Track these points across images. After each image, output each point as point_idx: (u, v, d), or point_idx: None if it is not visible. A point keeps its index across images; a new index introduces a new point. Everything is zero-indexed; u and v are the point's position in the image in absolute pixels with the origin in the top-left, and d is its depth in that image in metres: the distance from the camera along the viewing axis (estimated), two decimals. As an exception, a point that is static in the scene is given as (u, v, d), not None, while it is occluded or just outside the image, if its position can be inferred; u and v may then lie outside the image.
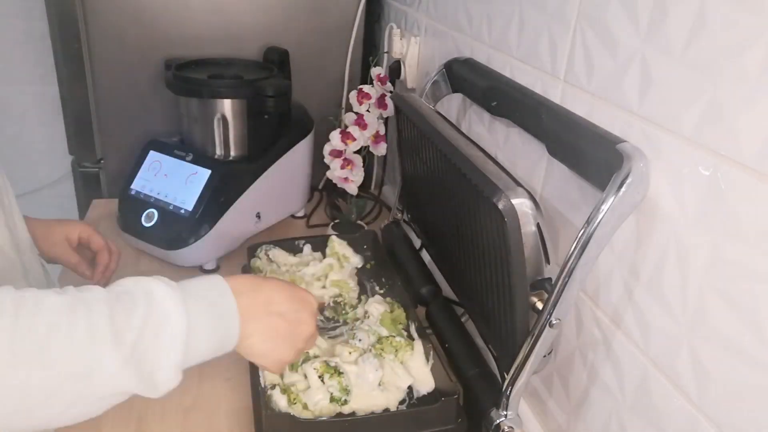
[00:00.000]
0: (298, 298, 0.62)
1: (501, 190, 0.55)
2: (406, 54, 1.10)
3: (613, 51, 0.55)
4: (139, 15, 1.14)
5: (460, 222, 0.70)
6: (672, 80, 0.48)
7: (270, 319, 0.59)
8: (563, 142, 0.58)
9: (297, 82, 1.15)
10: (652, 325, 0.52)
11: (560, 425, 0.68)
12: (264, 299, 0.59)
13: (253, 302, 0.57)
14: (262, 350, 0.59)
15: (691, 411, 0.48)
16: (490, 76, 0.75)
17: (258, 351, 0.59)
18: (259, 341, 0.58)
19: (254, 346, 0.58)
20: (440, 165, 0.73)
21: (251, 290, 0.58)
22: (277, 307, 0.59)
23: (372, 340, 0.77)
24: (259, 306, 0.58)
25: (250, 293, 0.58)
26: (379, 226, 1.08)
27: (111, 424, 0.71)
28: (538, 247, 0.56)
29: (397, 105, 0.88)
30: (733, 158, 0.43)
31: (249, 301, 0.57)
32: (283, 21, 1.21)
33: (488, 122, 0.82)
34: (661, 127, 0.49)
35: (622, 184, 0.47)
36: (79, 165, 1.27)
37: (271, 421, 0.65)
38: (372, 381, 0.70)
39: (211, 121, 1.04)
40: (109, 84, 1.18)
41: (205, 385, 0.79)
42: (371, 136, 1.06)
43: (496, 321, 0.64)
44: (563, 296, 0.52)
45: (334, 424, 0.65)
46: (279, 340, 0.60)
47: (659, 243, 0.51)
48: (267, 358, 0.60)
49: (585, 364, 0.63)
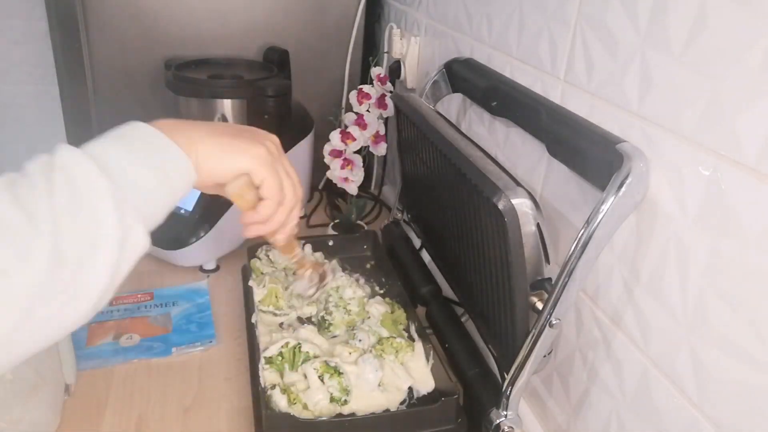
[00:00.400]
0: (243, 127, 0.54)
1: (501, 190, 0.55)
2: (406, 54, 1.10)
3: (613, 51, 0.55)
4: (139, 15, 1.14)
5: (460, 222, 0.70)
6: (672, 80, 0.48)
7: (211, 125, 0.51)
8: (563, 142, 0.58)
9: (297, 82, 1.15)
10: (652, 325, 0.52)
11: (560, 425, 0.68)
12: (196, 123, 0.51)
13: (179, 123, 0.49)
14: (224, 149, 0.50)
15: (691, 411, 0.48)
16: (490, 76, 0.75)
17: (218, 152, 0.49)
18: (213, 144, 0.49)
19: (211, 151, 0.49)
20: (440, 165, 0.73)
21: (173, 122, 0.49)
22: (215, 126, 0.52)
23: (372, 341, 0.77)
24: (190, 124, 0.50)
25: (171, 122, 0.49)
26: (379, 226, 1.08)
27: (111, 423, 0.71)
28: (538, 247, 0.56)
29: (397, 105, 0.88)
30: (733, 158, 0.43)
31: (175, 123, 0.48)
32: (283, 21, 1.21)
33: (488, 122, 0.82)
34: (661, 127, 0.49)
35: (622, 184, 0.48)
36: (79, 165, 1.27)
37: (271, 421, 0.65)
38: (372, 381, 0.71)
39: (211, 121, 1.04)
40: (109, 84, 1.18)
41: (205, 385, 0.79)
42: (371, 136, 1.06)
43: (496, 321, 0.64)
44: (563, 296, 0.52)
45: (334, 424, 0.65)
46: (235, 136, 0.51)
47: (659, 243, 0.51)
48: (236, 153, 0.50)
49: (585, 364, 0.63)
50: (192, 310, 0.92)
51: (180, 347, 0.84)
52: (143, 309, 0.91)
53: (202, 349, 0.85)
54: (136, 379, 0.78)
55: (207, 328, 0.89)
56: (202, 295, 0.96)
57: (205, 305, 0.94)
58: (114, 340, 0.84)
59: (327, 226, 1.17)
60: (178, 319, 0.90)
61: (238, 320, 0.90)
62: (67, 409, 0.72)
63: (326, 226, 1.17)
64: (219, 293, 0.97)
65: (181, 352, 0.84)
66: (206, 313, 0.92)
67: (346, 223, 1.14)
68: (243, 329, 0.86)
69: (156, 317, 0.90)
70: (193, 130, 0.49)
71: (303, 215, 1.24)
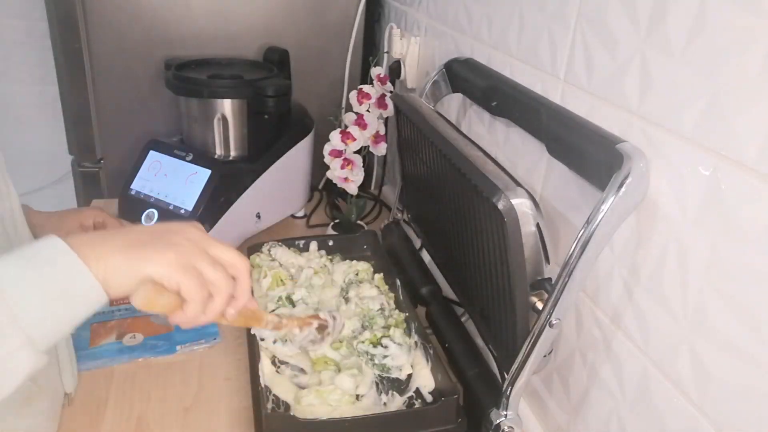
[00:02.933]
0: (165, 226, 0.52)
1: (501, 190, 0.55)
2: (406, 54, 1.10)
3: (613, 51, 0.55)
4: (139, 15, 1.14)
5: (460, 222, 0.70)
6: (672, 80, 0.48)
7: (125, 234, 0.49)
8: (563, 142, 0.58)
9: (297, 82, 1.15)
10: (652, 325, 0.52)
11: (560, 425, 0.68)
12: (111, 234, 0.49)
13: (92, 237, 0.48)
14: (130, 261, 0.47)
15: (691, 411, 0.48)
16: (490, 76, 0.75)
17: (125, 265, 0.47)
18: (121, 258, 0.47)
19: (119, 265, 0.46)
20: (440, 165, 0.73)
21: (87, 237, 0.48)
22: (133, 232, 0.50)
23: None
24: (103, 236, 0.48)
25: (86, 237, 0.48)
26: (379, 226, 1.08)
27: (111, 423, 0.71)
28: (538, 247, 0.56)
29: (397, 105, 0.88)
30: (733, 158, 0.43)
31: (87, 238, 0.47)
32: (283, 21, 1.21)
33: (488, 122, 0.82)
34: (661, 127, 0.49)
35: (622, 184, 0.47)
36: (79, 165, 1.27)
37: (271, 421, 0.65)
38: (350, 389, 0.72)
39: (211, 121, 1.04)
40: (109, 84, 1.18)
41: (205, 385, 0.79)
42: (371, 136, 1.06)
43: (496, 321, 0.64)
44: (563, 296, 0.52)
45: (334, 424, 0.65)
46: (145, 244, 0.48)
47: (659, 243, 0.51)
48: (144, 262, 0.47)
49: (585, 364, 0.63)
50: (193, 309, 0.92)
51: (184, 345, 0.84)
52: (144, 309, 0.91)
53: (207, 347, 0.85)
54: (136, 379, 0.78)
55: (210, 325, 0.89)
56: (202, 294, 0.96)
57: (206, 305, 0.94)
58: (117, 339, 0.84)
59: (327, 226, 1.17)
60: (180, 319, 0.90)
61: (238, 320, 0.89)
62: (68, 409, 0.72)
63: (326, 226, 1.17)
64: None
65: (186, 349, 0.84)
66: (207, 312, 0.92)
67: (346, 223, 1.14)
68: (243, 329, 0.86)
69: (158, 316, 0.90)
70: (104, 245, 0.47)
71: (303, 215, 1.24)
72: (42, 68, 1.63)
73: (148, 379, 0.79)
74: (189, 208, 0.98)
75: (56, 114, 1.29)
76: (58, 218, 0.81)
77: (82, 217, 0.84)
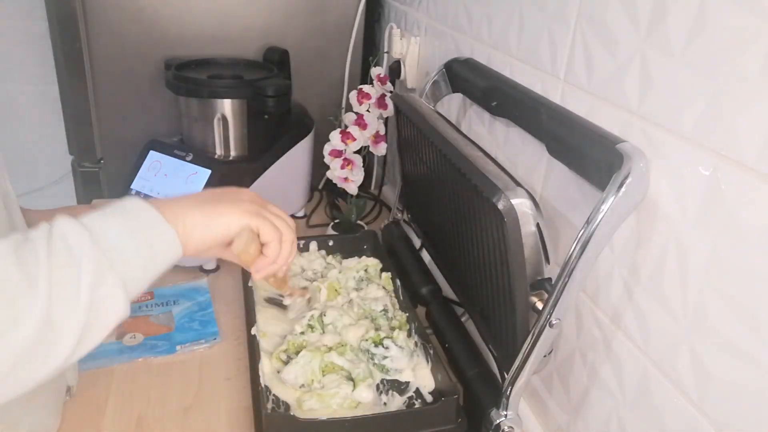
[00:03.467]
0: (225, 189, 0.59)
1: (501, 190, 0.55)
2: (406, 54, 1.10)
3: (613, 51, 0.55)
4: (139, 15, 1.14)
5: (460, 222, 0.70)
6: (672, 80, 0.48)
7: (194, 196, 0.55)
8: (563, 142, 0.58)
9: (297, 82, 1.15)
10: (652, 325, 0.52)
11: (560, 425, 0.68)
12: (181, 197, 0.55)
13: (167, 200, 0.54)
14: (209, 217, 0.53)
15: (691, 411, 0.48)
16: (490, 76, 0.75)
17: (206, 222, 0.53)
18: (198, 215, 0.53)
19: (197, 221, 0.52)
20: (440, 165, 0.73)
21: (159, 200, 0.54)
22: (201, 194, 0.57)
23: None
24: (175, 199, 0.54)
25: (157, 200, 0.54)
26: (379, 226, 1.08)
27: (111, 423, 0.71)
28: (538, 247, 0.56)
29: (397, 105, 0.88)
30: (733, 158, 0.43)
31: (163, 200, 0.53)
32: (283, 21, 1.21)
33: (488, 122, 0.82)
34: (661, 127, 0.49)
35: (622, 184, 0.48)
36: (79, 165, 1.27)
37: (271, 421, 0.65)
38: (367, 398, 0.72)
39: (211, 121, 1.04)
40: (109, 84, 1.18)
41: (205, 385, 0.79)
42: (371, 136, 1.06)
43: (496, 321, 0.64)
44: (563, 296, 0.52)
45: (334, 424, 0.65)
46: (217, 197, 0.56)
47: (659, 243, 0.51)
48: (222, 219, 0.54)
49: (585, 364, 0.63)
50: (194, 308, 0.92)
51: (184, 345, 0.84)
52: (144, 308, 0.91)
53: (207, 347, 0.85)
54: (136, 379, 0.78)
55: (210, 325, 0.89)
56: (202, 293, 0.96)
57: (207, 303, 0.94)
58: (117, 339, 0.84)
59: (327, 226, 1.17)
60: (181, 318, 0.90)
61: (238, 320, 0.90)
62: (68, 409, 0.72)
63: (326, 226, 1.17)
64: (219, 293, 0.97)
65: (186, 349, 0.84)
66: (208, 310, 0.92)
67: (346, 223, 1.14)
68: (243, 329, 0.86)
69: (158, 316, 0.90)
70: (178, 205, 0.53)
71: (303, 215, 1.24)
72: (42, 68, 1.63)
73: (148, 379, 0.79)
74: (189, 208, 0.98)
75: (56, 114, 1.29)
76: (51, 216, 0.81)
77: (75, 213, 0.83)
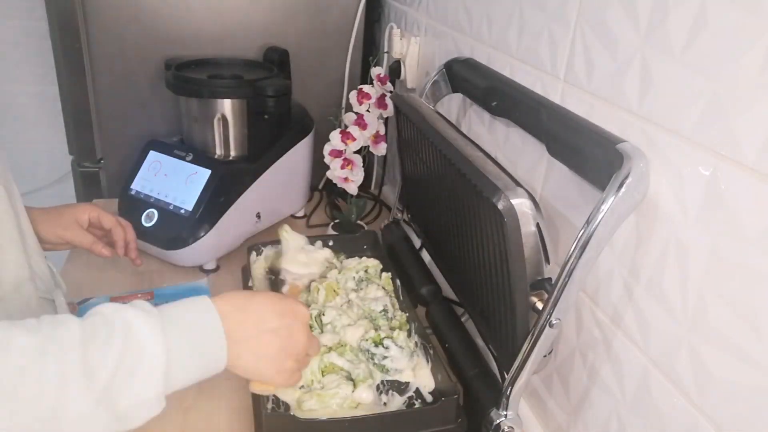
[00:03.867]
0: (288, 311, 0.61)
1: (501, 190, 0.55)
2: (406, 54, 1.10)
3: (613, 51, 0.55)
4: (139, 15, 1.14)
5: (460, 222, 0.70)
6: (672, 80, 0.48)
7: (260, 337, 0.58)
8: (563, 142, 0.58)
9: (297, 82, 1.15)
10: (652, 325, 0.52)
11: (560, 425, 0.68)
12: (253, 319, 0.58)
13: (241, 323, 0.56)
14: (257, 368, 0.59)
15: (691, 411, 0.48)
16: (490, 76, 0.75)
17: (252, 370, 0.58)
18: (251, 361, 0.57)
19: (247, 366, 0.58)
20: (440, 165, 0.73)
21: (239, 310, 0.57)
22: (267, 325, 0.58)
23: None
24: (247, 326, 0.57)
25: (238, 313, 0.57)
26: (379, 226, 1.08)
27: (111, 424, 0.71)
28: (538, 247, 0.56)
29: (397, 105, 0.88)
30: (733, 158, 0.43)
31: (236, 323, 0.56)
32: (283, 21, 1.21)
33: (488, 122, 0.82)
34: (661, 127, 0.49)
35: (622, 184, 0.47)
36: (79, 165, 1.27)
37: (270, 421, 0.65)
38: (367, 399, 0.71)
39: (211, 121, 1.04)
40: (109, 84, 1.18)
41: (205, 385, 0.78)
42: (371, 136, 1.06)
43: (496, 321, 0.64)
44: (563, 296, 0.52)
45: (334, 423, 0.65)
46: (272, 356, 0.59)
47: (659, 243, 0.51)
48: (264, 375, 0.59)
49: (585, 364, 0.63)
50: (192, 309, 0.92)
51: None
52: (143, 309, 0.91)
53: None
54: (136, 379, 0.78)
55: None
56: (202, 293, 0.96)
57: (206, 305, 0.93)
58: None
59: (327, 226, 1.17)
60: (179, 319, 0.90)
61: (238, 320, 0.89)
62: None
63: (326, 226, 1.17)
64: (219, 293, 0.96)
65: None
66: (207, 312, 0.92)
67: (346, 223, 1.14)
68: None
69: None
70: (244, 342, 0.57)
71: (303, 215, 1.24)
72: (42, 68, 1.63)
73: (148, 379, 0.78)
74: (189, 208, 0.98)
75: (56, 114, 1.29)
76: (55, 214, 0.82)
77: (78, 212, 0.84)
